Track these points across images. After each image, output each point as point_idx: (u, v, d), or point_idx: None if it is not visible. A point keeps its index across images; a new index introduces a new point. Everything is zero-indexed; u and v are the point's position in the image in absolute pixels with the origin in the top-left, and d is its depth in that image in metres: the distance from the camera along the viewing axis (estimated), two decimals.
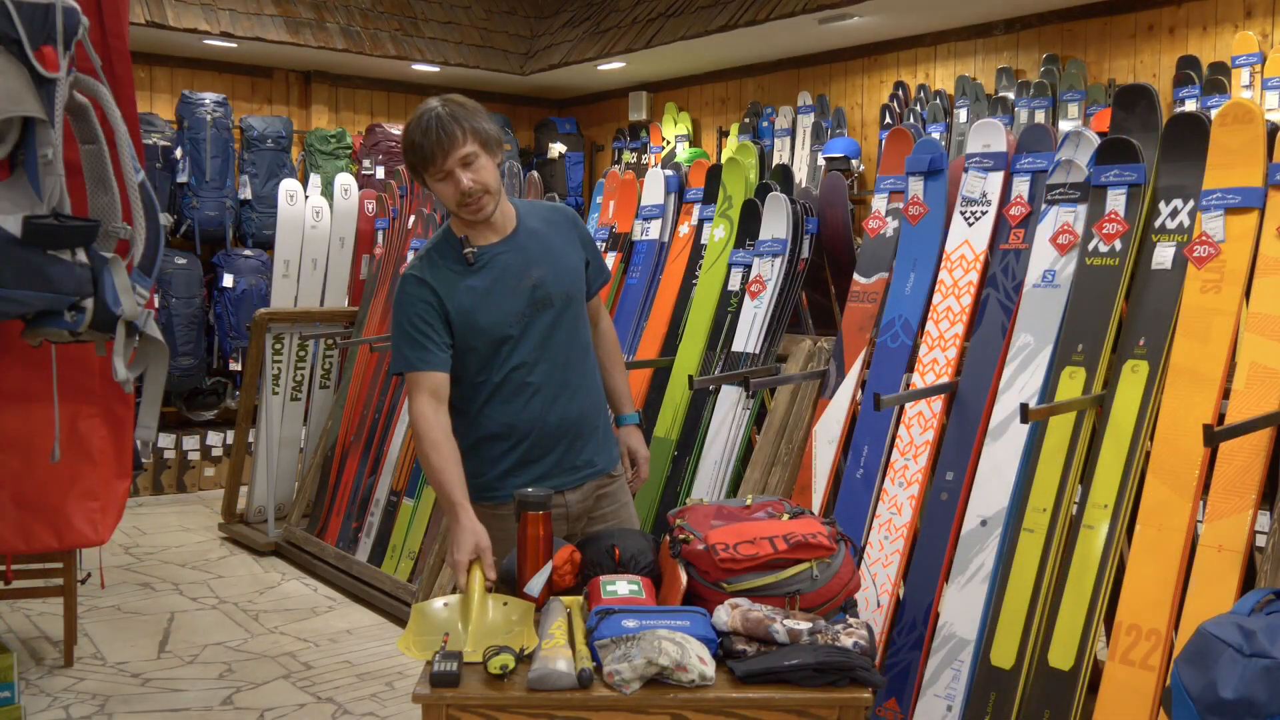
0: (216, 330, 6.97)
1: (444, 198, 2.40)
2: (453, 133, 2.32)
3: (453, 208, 2.41)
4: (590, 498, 2.60)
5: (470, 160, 2.35)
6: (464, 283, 2.44)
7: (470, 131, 2.34)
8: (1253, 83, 5.00)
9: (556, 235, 2.55)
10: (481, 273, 2.46)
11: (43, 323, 2.98)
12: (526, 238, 2.51)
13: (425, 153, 2.33)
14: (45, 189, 2.89)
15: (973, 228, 3.12)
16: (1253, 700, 1.73)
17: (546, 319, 2.48)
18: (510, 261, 2.47)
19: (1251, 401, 2.46)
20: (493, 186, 2.39)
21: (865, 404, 3.19)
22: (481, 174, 2.36)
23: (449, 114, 2.34)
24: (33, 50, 2.82)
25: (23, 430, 3.51)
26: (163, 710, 3.63)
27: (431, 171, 2.36)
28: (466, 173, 2.35)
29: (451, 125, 2.32)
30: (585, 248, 2.62)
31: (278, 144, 7.22)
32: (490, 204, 2.40)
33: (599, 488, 2.61)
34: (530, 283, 2.47)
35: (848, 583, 2.23)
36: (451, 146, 2.32)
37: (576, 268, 2.57)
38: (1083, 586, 2.59)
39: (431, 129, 2.32)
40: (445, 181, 2.36)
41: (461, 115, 2.35)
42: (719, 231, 3.86)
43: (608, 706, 1.92)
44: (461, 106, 2.38)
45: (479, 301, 2.44)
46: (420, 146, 2.33)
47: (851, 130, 7.06)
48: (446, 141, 2.32)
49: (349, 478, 5.25)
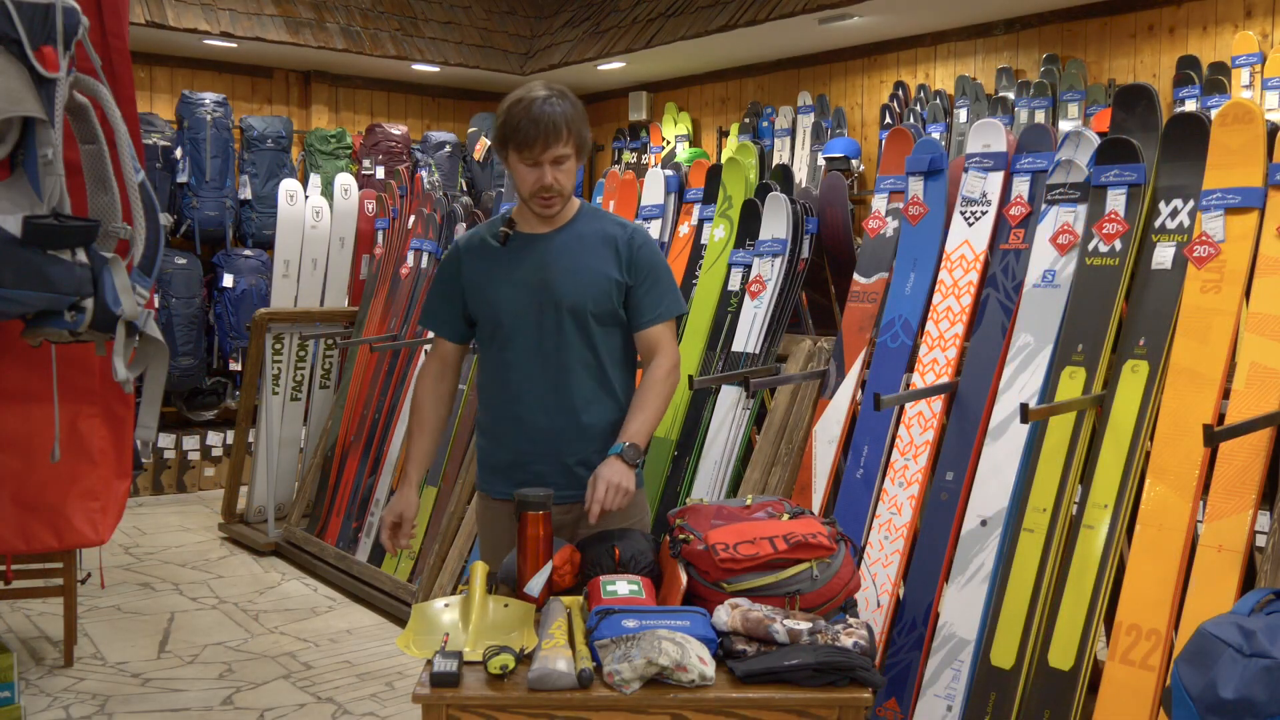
0: (216, 330, 6.97)
1: (521, 181, 2.41)
2: (560, 131, 2.35)
3: (525, 195, 2.43)
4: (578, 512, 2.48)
5: (562, 160, 2.39)
6: (490, 258, 2.50)
7: (574, 135, 2.38)
8: (1253, 83, 5.00)
9: (597, 249, 2.48)
10: (508, 255, 2.49)
11: (43, 323, 2.99)
12: (564, 240, 2.49)
13: (527, 138, 2.34)
14: (45, 189, 2.90)
15: (973, 228, 3.12)
16: (1253, 700, 1.73)
17: (546, 322, 2.46)
18: (536, 255, 2.48)
19: (1251, 401, 2.46)
20: (567, 190, 2.43)
21: (865, 404, 3.19)
22: (564, 176, 2.40)
23: (563, 112, 2.36)
24: (33, 50, 2.83)
25: (23, 430, 3.51)
26: (163, 710, 3.63)
27: (523, 156, 2.37)
28: (554, 170, 2.38)
29: (561, 124, 2.35)
30: (633, 271, 2.48)
31: (278, 144, 7.22)
32: (560, 205, 2.44)
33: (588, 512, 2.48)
34: (539, 282, 2.46)
35: (848, 583, 2.23)
36: (554, 143, 2.35)
37: (599, 285, 2.46)
38: (1083, 586, 2.59)
39: (543, 119, 2.33)
40: (531, 169, 2.38)
41: (572, 117, 2.38)
42: (719, 231, 3.86)
43: (608, 706, 1.92)
44: (574, 107, 2.41)
45: (490, 280, 2.48)
46: (524, 130, 2.34)
47: (851, 130, 7.06)
48: (552, 137, 2.34)
49: (349, 478, 5.25)
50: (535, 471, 2.49)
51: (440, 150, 7.91)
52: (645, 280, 2.50)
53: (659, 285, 2.52)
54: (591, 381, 2.50)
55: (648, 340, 2.53)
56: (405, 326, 5.28)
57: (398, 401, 5.11)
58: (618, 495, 2.34)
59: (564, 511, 2.46)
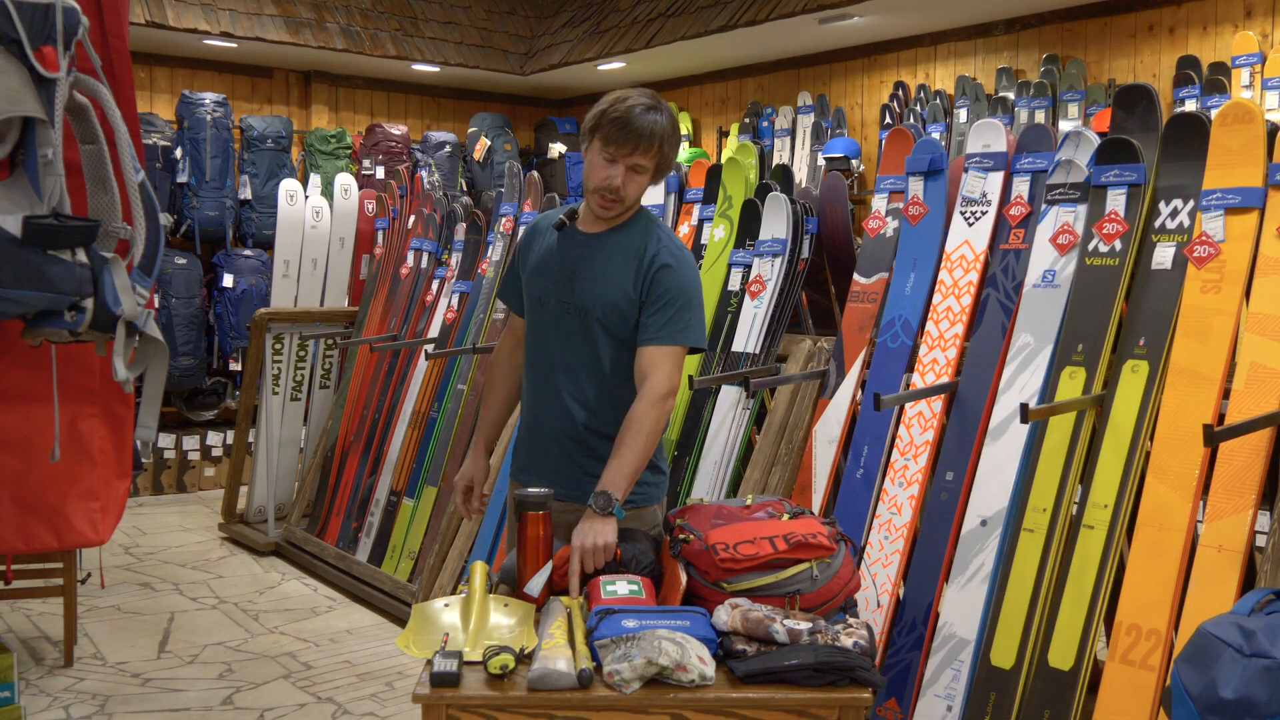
0: (216, 330, 6.97)
1: (592, 172, 2.42)
2: (651, 143, 2.36)
3: (590, 187, 2.44)
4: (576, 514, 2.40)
5: (639, 170, 2.40)
6: (542, 244, 2.57)
7: (660, 153, 2.40)
8: (1253, 83, 5.00)
9: (625, 260, 2.45)
10: (558, 246, 2.53)
11: (43, 323, 2.98)
12: (604, 244, 2.49)
13: (621, 135, 2.35)
14: (45, 189, 2.90)
15: (973, 228, 3.12)
16: (1253, 700, 1.73)
17: (562, 319, 2.47)
18: (575, 252, 2.50)
19: (1251, 401, 2.46)
20: (629, 200, 2.44)
21: (865, 404, 3.19)
22: (633, 186, 2.41)
23: (663, 128, 2.38)
24: (33, 50, 2.83)
25: (23, 430, 3.51)
26: (163, 710, 3.63)
27: (607, 150, 2.38)
28: (627, 175, 2.39)
29: (655, 138, 2.36)
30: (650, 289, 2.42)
31: (278, 144, 7.22)
32: (617, 210, 2.45)
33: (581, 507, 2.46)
34: (567, 279, 2.48)
35: (848, 583, 2.23)
36: (640, 151, 2.36)
37: (612, 295, 2.43)
38: (1083, 586, 2.59)
39: (645, 126, 2.35)
40: (607, 164, 2.39)
41: (667, 136, 2.39)
42: (719, 231, 3.86)
43: (608, 706, 1.92)
44: (674, 129, 2.43)
45: (537, 265, 2.55)
46: (622, 126, 2.35)
47: (851, 130, 7.06)
48: (643, 144, 2.35)
49: (349, 478, 5.25)
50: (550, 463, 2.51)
51: (440, 150, 7.91)
52: (655, 302, 2.42)
53: (668, 310, 2.41)
54: (598, 388, 2.46)
55: (641, 361, 2.42)
56: (405, 326, 5.28)
57: (398, 401, 5.11)
58: (596, 557, 2.23)
59: (565, 510, 2.42)
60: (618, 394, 2.45)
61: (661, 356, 2.40)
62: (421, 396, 4.96)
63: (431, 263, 5.32)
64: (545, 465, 2.50)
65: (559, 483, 2.43)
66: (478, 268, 4.94)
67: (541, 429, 2.52)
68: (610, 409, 2.46)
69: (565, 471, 2.47)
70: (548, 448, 2.51)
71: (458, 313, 4.95)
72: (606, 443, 2.41)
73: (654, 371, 2.38)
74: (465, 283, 4.98)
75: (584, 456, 2.46)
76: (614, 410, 2.45)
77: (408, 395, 5.05)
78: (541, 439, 2.52)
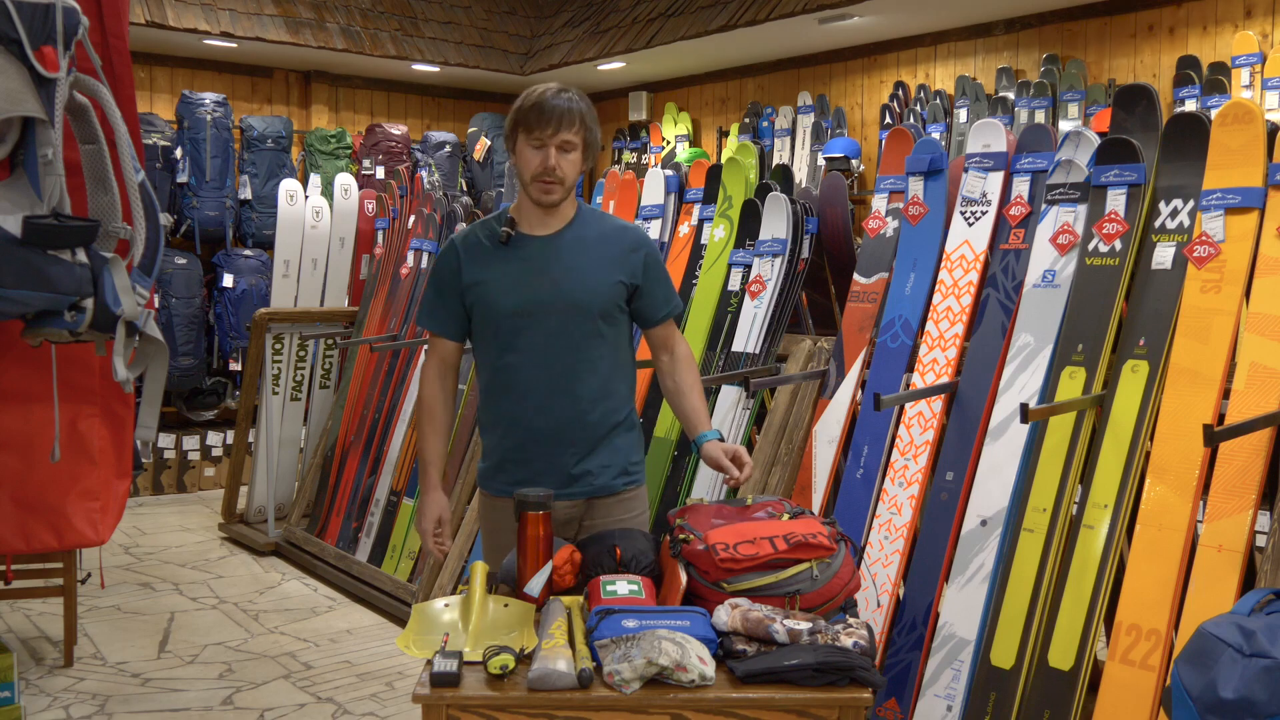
0: (216, 330, 6.97)
1: (524, 164, 2.46)
2: (573, 118, 2.42)
3: (526, 179, 2.47)
4: (580, 509, 2.55)
5: (568, 148, 2.44)
6: (490, 258, 2.52)
7: (584, 127, 2.45)
8: (1253, 83, 5.00)
9: (602, 250, 2.51)
10: (510, 255, 2.50)
11: (43, 323, 2.98)
12: (568, 241, 2.51)
13: (542, 116, 2.40)
14: (45, 189, 2.89)
15: (973, 228, 3.12)
16: (1253, 700, 1.73)
17: (551, 323, 2.47)
18: (539, 255, 2.49)
19: (1251, 401, 2.46)
20: (569, 181, 2.47)
21: (865, 404, 3.19)
22: (567, 164, 2.44)
23: (578, 104, 2.44)
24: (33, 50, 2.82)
25: (23, 430, 3.51)
26: (163, 710, 3.63)
27: (533, 135, 2.42)
28: (559, 155, 2.43)
29: (574, 113, 2.42)
30: (640, 273, 2.54)
31: (278, 144, 7.22)
32: (559, 193, 2.47)
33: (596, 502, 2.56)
34: (547, 282, 2.47)
35: (848, 583, 2.23)
36: (564, 127, 2.41)
37: (605, 286, 2.49)
38: (1083, 586, 2.59)
39: (559, 104, 2.41)
40: (536, 150, 2.43)
41: (585, 112, 2.46)
42: (719, 231, 3.86)
43: (608, 706, 1.92)
44: (587, 105, 2.48)
45: (494, 281, 2.50)
46: (540, 109, 2.41)
47: (851, 130, 7.06)
48: (565, 120, 2.40)
49: (349, 478, 5.25)
50: (535, 469, 2.51)
51: (440, 150, 7.91)
52: (651, 279, 2.56)
53: (664, 283, 2.60)
54: (596, 382, 2.51)
55: (661, 336, 2.62)
56: (405, 326, 5.28)
57: (398, 401, 5.11)
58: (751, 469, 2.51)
59: (570, 507, 2.52)
60: (611, 385, 2.54)
61: (673, 326, 2.66)
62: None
63: (431, 262, 5.32)
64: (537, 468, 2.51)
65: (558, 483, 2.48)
66: None
67: (539, 435, 2.51)
68: (607, 399, 2.54)
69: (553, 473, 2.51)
70: (544, 451, 2.51)
71: None
72: (602, 435, 2.52)
73: (676, 338, 2.65)
74: None
75: (573, 455, 2.51)
76: (610, 400, 2.54)
77: (408, 395, 5.05)
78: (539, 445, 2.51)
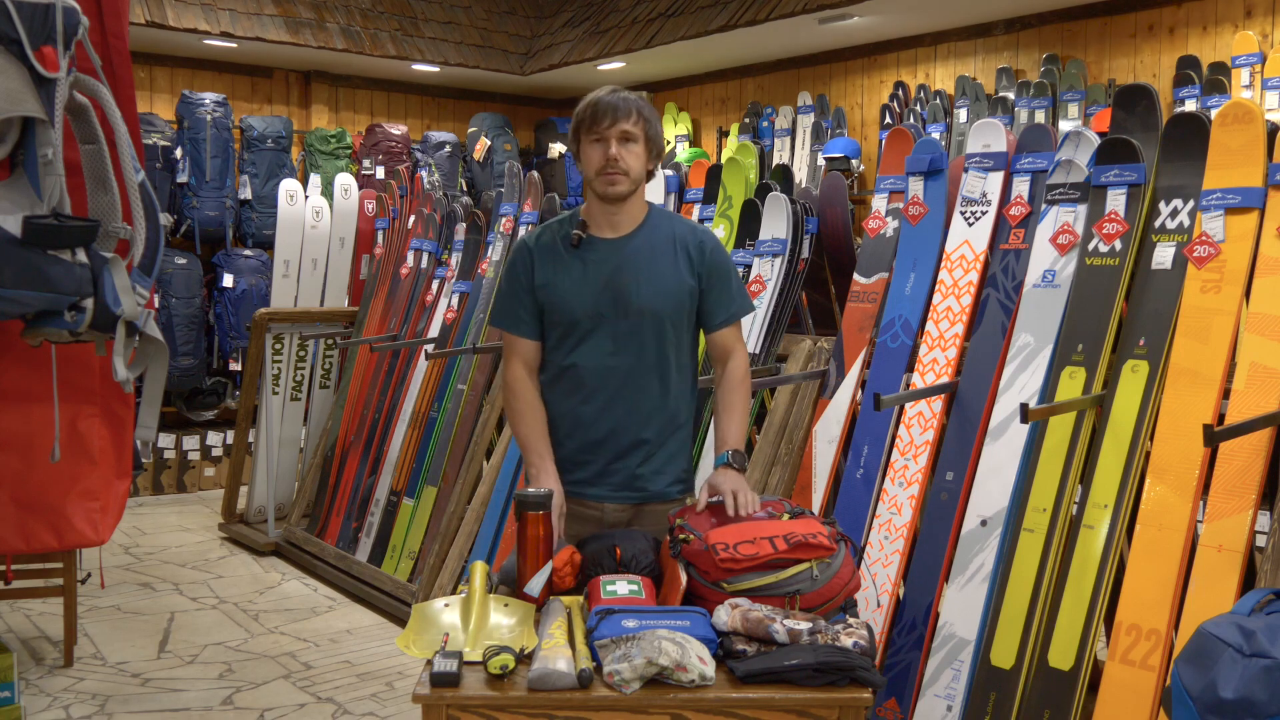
0: (216, 330, 6.97)
1: (589, 162, 2.47)
2: (629, 109, 2.44)
3: (591, 174, 2.47)
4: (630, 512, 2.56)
5: (629, 139, 2.45)
6: (561, 260, 2.52)
7: (643, 119, 2.46)
8: (1253, 83, 5.00)
9: (670, 253, 2.52)
10: (580, 258, 2.50)
11: (43, 323, 2.98)
12: (638, 245, 2.51)
13: (600, 110, 2.43)
14: (45, 189, 2.90)
15: (973, 228, 3.12)
16: (1253, 700, 1.73)
17: (621, 327, 2.48)
18: (608, 259, 2.50)
19: (1251, 401, 2.46)
20: (634, 174, 2.47)
21: (865, 404, 3.19)
22: (630, 157, 2.45)
23: (634, 99, 2.47)
24: (33, 50, 2.83)
25: (23, 430, 3.51)
26: (163, 710, 3.63)
27: (594, 130, 2.44)
28: (620, 147, 2.44)
29: (630, 104, 2.45)
30: (705, 276, 2.53)
31: (278, 144, 7.22)
32: (624, 185, 2.46)
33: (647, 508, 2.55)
34: (616, 286, 2.47)
35: (848, 583, 2.23)
36: (621, 117, 2.43)
37: (674, 290, 2.50)
38: (1083, 586, 2.59)
39: (615, 97, 2.45)
40: (598, 144, 2.45)
41: (644, 107, 2.48)
42: (719, 231, 3.86)
43: (608, 706, 1.92)
44: (647, 103, 2.51)
45: (563, 283, 2.50)
46: (595, 105, 2.44)
47: (851, 130, 7.06)
48: (621, 111, 2.43)
49: (349, 478, 5.25)
50: (593, 471, 2.52)
51: (440, 150, 7.91)
52: (717, 282, 2.56)
53: (730, 286, 2.58)
54: (661, 387, 2.53)
55: (721, 341, 2.59)
56: (405, 326, 5.28)
57: (398, 401, 5.11)
58: (754, 503, 2.34)
59: (620, 510, 2.54)
60: (676, 391, 2.56)
61: (736, 332, 2.61)
62: (421, 396, 4.97)
63: (431, 263, 5.32)
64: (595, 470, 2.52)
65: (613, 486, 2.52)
66: (478, 268, 4.94)
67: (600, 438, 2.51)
68: (671, 406, 2.55)
69: (612, 476, 2.53)
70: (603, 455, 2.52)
71: (458, 313, 4.95)
72: (662, 441, 2.54)
73: (737, 346, 2.61)
74: (465, 283, 4.98)
75: (634, 459, 2.52)
76: (674, 407, 2.56)
77: (408, 395, 5.05)
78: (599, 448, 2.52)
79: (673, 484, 2.57)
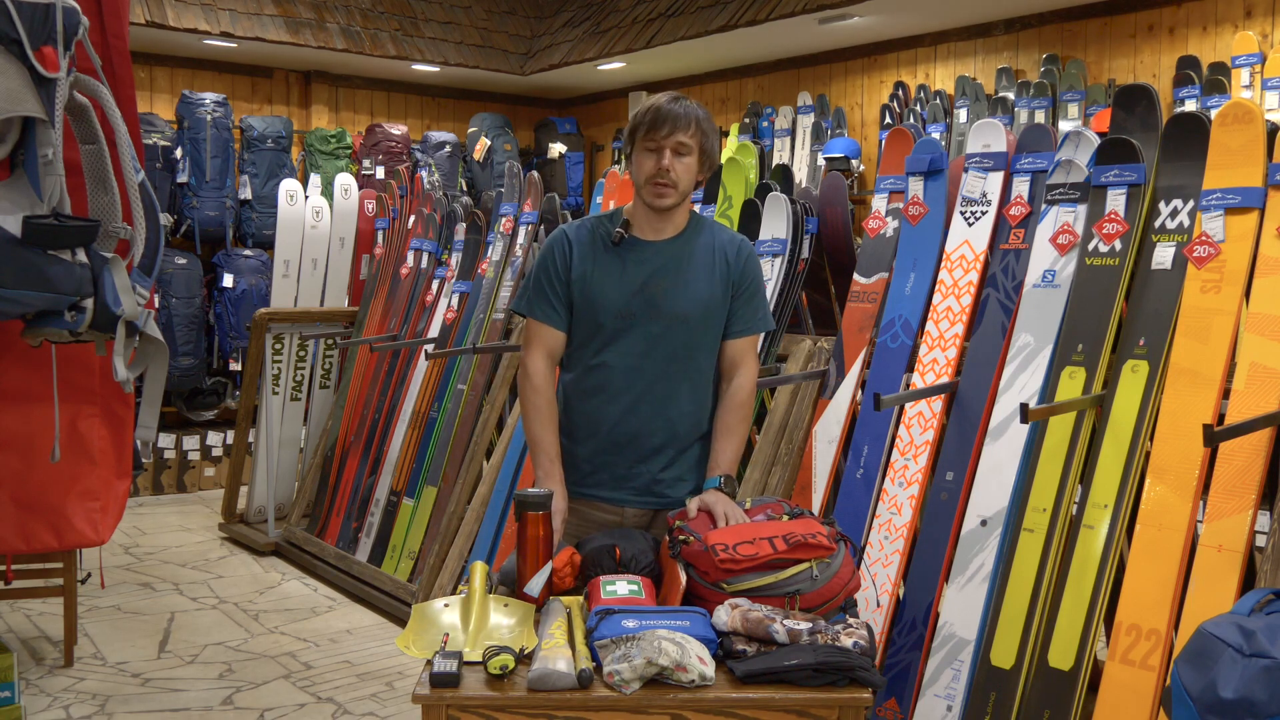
0: (216, 330, 6.97)
1: (640, 168, 2.45)
2: (688, 121, 2.42)
3: (641, 181, 2.46)
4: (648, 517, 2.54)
5: (682, 151, 2.43)
6: (600, 255, 2.50)
7: (700, 132, 2.44)
8: (1253, 83, 5.00)
9: (705, 260, 2.51)
10: (619, 256, 2.49)
11: (43, 323, 2.99)
12: (677, 250, 2.50)
13: (659, 118, 2.41)
14: (45, 189, 2.90)
15: (973, 228, 3.12)
16: (1253, 700, 1.73)
17: (654, 329, 2.46)
18: (648, 260, 2.48)
19: (1251, 401, 2.46)
20: (683, 186, 2.45)
21: (865, 404, 3.19)
22: (681, 168, 2.43)
23: (695, 110, 2.45)
24: (33, 50, 2.83)
25: (23, 430, 3.51)
26: (163, 710, 3.63)
27: (650, 137, 2.42)
28: (674, 158, 2.42)
29: (689, 116, 2.42)
30: (736, 285, 2.52)
31: (278, 144, 7.22)
32: (672, 196, 2.45)
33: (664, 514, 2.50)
34: (651, 288, 2.46)
35: (848, 583, 2.23)
36: (679, 128, 2.41)
37: (705, 297, 2.48)
38: (1083, 586, 2.59)
39: (678, 106, 2.42)
40: (651, 153, 2.43)
41: (701, 117, 2.45)
42: None
43: (608, 706, 1.92)
44: (707, 116, 2.49)
45: (599, 279, 2.48)
46: (656, 112, 2.42)
47: (851, 130, 7.06)
48: (680, 123, 2.41)
49: (349, 478, 5.25)
50: (615, 474, 2.50)
51: (440, 150, 7.91)
52: (744, 293, 2.54)
53: (755, 299, 2.56)
54: (689, 392, 2.51)
55: (732, 352, 2.56)
56: (405, 326, 5.28)
57: (398, 401, 5.11)
58: None
59: (640, 515, 2.52)
60: (702, 397, 2.54)
61: (750, 346, 2.58)
62: (421, 396, 4.97)
63: (431, 263, 5.32)
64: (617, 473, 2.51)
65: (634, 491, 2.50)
66: (478, 268, 4.95)
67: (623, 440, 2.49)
68: (697, 412, 2.53)
69: (633, 479, 2.51)
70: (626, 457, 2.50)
71: (458, 313, 4.95)
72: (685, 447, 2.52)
73: (747, 360, 2.57)
74: (465, 283, 4.98)
75: (656, 464, 2.50)
76: (700, 413, 2.54)
77: (408, 395, 5.05)
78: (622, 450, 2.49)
79: (693, 492, 2.53)
